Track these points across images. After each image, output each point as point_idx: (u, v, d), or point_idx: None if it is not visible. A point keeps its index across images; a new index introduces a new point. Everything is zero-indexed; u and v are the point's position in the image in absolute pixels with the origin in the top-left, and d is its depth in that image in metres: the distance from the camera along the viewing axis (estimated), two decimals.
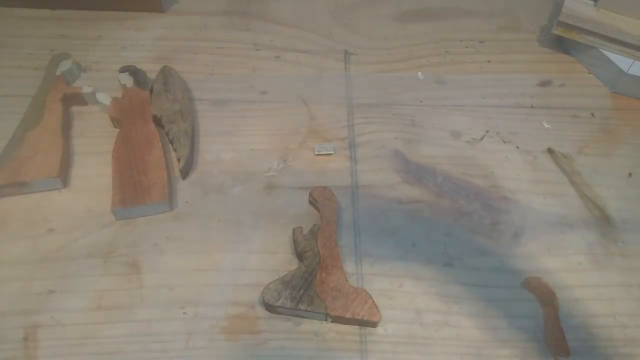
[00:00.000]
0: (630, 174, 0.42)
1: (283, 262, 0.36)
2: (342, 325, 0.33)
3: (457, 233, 0.38)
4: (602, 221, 0.39)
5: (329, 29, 0.52)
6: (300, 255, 0.35)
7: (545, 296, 0.35)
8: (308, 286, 0.33)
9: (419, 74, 0.48)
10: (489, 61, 0.49)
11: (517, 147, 0.43)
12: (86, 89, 0.43)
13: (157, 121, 0.42)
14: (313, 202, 0.38)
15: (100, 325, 0.33)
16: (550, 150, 0.43)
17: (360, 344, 0.33)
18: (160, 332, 0.33)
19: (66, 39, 0.49)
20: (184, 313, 0.33)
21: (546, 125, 0.45)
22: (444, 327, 0.34)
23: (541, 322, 0.34)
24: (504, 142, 0.43)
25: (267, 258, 0.36)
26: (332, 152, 0.41)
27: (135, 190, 0.37)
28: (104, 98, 0.42)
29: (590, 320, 0.34)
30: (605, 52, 0.47)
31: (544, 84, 0.48)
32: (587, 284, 0.36)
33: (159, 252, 0.36)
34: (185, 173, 0.40)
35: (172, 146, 0.41)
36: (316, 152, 0.41)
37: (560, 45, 0.51)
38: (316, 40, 0.50)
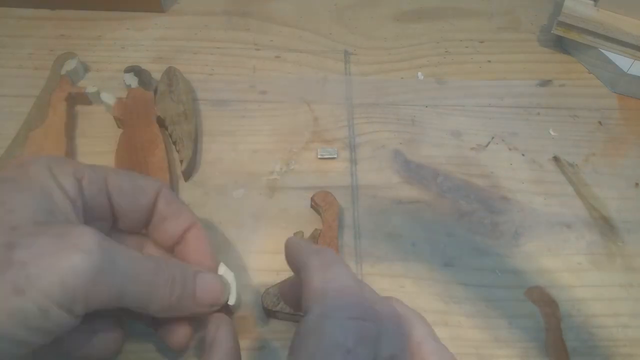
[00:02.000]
0: (636, 184, 0.42)
1: (283, 263, 0.36)
2: None
3: (457, 233, 0.38)
4: (602, 221, 0.39)
5: (329, 29, 0.52)
6: None
7: (546, 307, 0.35)
8: None
9: (419, 74, 0.48)
10: (489, 61, 0.49)
11: (517, 147, 0.43)
12: (91, 89, 0.43)
13: (161, 122, 0.42)
14: (315, 207, 0.38)
15: None
16: (555, 158, 0.43)
17: None
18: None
19: (66, 39, 0.49)
20: None
21: (546, 125, 0.45)
22: (444, 327, 0.34)
23: (541, 321, 0.34)
24: (504, 142, 0.43)
25: (268, 259, 0.36)
26: (335, 156, 0.41)
27: None
28: (109, 98, 0.42)
29: (591, 320, 0.34)
30: (605, 52, 0.47)
31: (544, 84, 0.48)
32: (587, 284, 0.36)
33: None
34: (187, 175, 0.40)
35: (175, 147, 0.41)
36: (319, 156, 0.41)
37: (560, 45, 0.51)
38: (316, 40, 0.50)
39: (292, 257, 0.24)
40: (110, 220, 0.28)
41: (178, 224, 0.29)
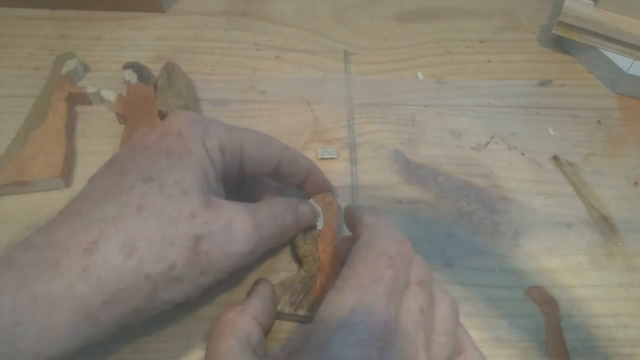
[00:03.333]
0: (636, 183, 0.42)
1: (283, 263, 0.36)
2: None
3: (457, 233, 0.38)
4: (602, 221, 0.39)
5: (329, 29, 0.52)
6: (300, 260, 0.35)
7: (547, 306, 0.35)
8: (307, 292, 0.33)
9: (419, 74, 0.48)
10: (489, 61, 0.49)
11: (517, 147, 0.43)
12: (91, 89, 0.43)
13: (163, 117, 0.42)
14: None
15: None
16: (555, 158, 0.43)
17: None
18: (160, 332, 0.33)
19: (66, 39, 0.49)
20: (188, 312, 0.33)
21: (546, 125, 0.45)
22: None
23: (541, 321, 0.34)
24: (504, 141, 0.43)
25: (268, 259, 0.36)
26: (335, 156, 0.41)
27: None
28: (109, 95, 0.42)
29: (591, 320, 0.34)
30: (605, 52, 0.47)
31: (544, 84, 0.48)
32: (587, 284, 0.36)
33: None
34: None
35: None
36: (319, 156, 0.41)
37: (560, 45, 0.51)
38: (316, 40, 0.50)
39: (352, 209, 0.30)
40: (236, 179, 0.32)
41: (300, 175, 0.34)
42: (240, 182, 0.35)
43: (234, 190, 0.35)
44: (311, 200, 0.37)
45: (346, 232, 0.37)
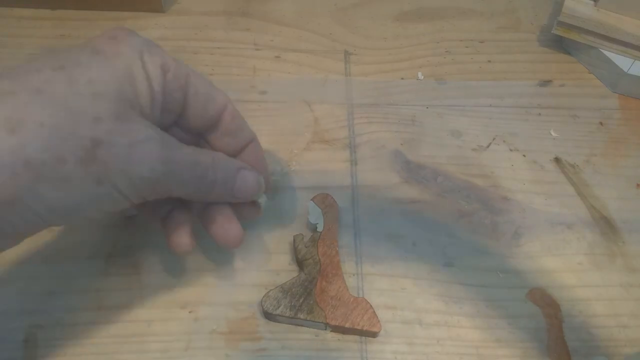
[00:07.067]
0: (638, 185, 0.42)
1: (284, 263, 0.36)
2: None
3: (457, 233, 0.38)
4: (603, 221, 0.39)
5: (329, 29, 0.52)
6: (300, 263, 0.35)
7: (548, 308, 0.35)
8: (308, 295, 0.33)
9: (419, 74, 0.48)
10: (489, 61, 0.49)
11: (517, 147, 0.43)
12: None
13: None
14: None
15: (100, 325, 0.33)
16: (557, 159, 0.43)
17: (360, 344, 0.33)
18: (160, 332, 0.33)
19: (66, 39, 0.49)
20: (188, 312, 0.33)
21: (546, 126, 0.45)
22: (444, 327, 0.34)
23: (542, 321, 0.34)
24: (504, 142, 0.43)
25: (268, 260, 0.36)
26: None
27: None
28: None
29: (591, 320, 0.34)
30: (605, 52, 0.47)
31: (544, 84, 0.48)
32: (587, 284, 0.36)
33: (159, 252, 0.36)
34: None
35: None
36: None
37: (561, 45, 0.51)
38: (316, 40, 0.50)
39: None
40: (176, 115, 0.29)
41: (239, 140, 0.31)
42: None
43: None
44: (311, 202, 0.37)
45: (347, 230, 0.38)
